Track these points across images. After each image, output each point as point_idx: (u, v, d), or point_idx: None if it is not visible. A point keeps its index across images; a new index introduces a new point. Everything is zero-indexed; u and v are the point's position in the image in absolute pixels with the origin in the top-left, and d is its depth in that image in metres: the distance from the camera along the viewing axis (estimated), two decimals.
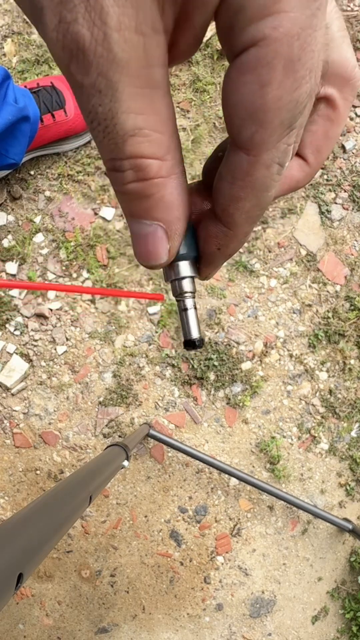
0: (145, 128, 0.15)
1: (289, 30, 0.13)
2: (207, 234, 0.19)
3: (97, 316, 1.24)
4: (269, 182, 0.17)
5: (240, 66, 0.14)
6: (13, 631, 1.25)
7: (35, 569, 0.40)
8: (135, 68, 0.14)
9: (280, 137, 0.15)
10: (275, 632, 1.36)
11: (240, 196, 0.17)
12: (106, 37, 0.13)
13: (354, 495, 1.38)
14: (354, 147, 1.37)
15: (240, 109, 0.15)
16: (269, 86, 0.14)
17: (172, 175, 0.17)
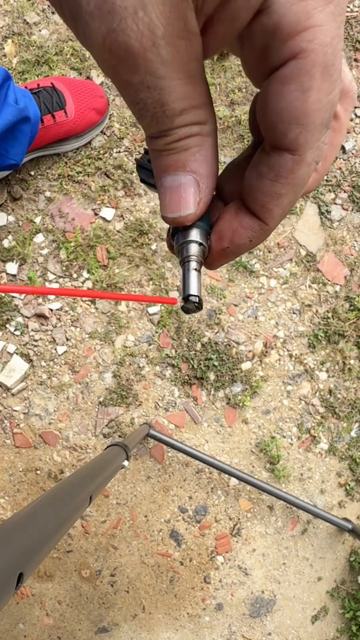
0: (189, 107, 0.17)
1: (323, 41, 0.15)
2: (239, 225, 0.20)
3: (97, 316, 1.25)
4: (307, 178, 0.19)
5: (283, 77, 0.16)
6: (13, 631, 1.25)
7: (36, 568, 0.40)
8: (178, 64, 0.16)
9: (320, 137, 0.18)
10: (275, 632, 1.36)
11: (282, 193, 0.19)
12: (155, 44, 0.15)
13: (353, 495, 1.38)
14: (354, 147, 1.37)
15: (285, 114, 0.17)
16: (309, 91, 0.16)
17: (211, 136, 0.19)
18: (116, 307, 1.25)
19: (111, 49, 0.15)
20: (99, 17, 0.15)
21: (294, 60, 0.16)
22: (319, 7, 0.15)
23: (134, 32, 0.15)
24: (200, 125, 0.18)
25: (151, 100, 0.17)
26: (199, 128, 0.18)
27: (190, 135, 0.18)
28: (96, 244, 1.24)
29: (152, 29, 0.15)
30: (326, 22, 0.15)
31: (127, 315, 1.26)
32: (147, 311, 1.26)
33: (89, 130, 1.20)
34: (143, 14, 0.14)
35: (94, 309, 1.25)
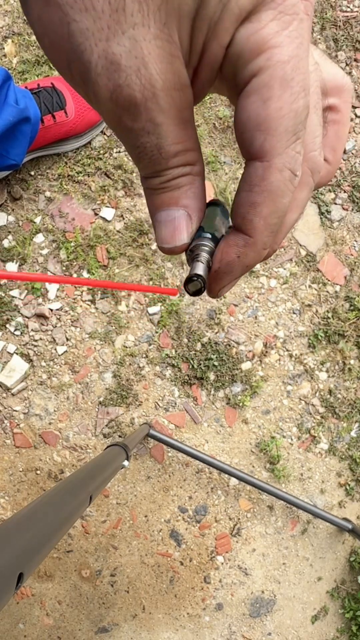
0: (182, 150, 0.20)
1: (280, 59, 0.17)
2: (226, 243, 0.21)
3: (97, 316, 1.25)
4: (283, 187, 0.19)
5: (246, 93, 0.18)
6: (13, 631, 1.25)
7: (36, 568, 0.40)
8: (174, 112, 0.19)
9: (288, 144, 0.19)
10: (275, 632, 1.36)
11: (258, 201, 0.20)
12: (154, 95, 0.18)
13: (353, 495, 1.38)
14: (354, 147, 1.37)
15: (249, 123, 0.19)
16: (269, 100, 0.18)
17: (200, 175, 0.21)
18: (116, 307, 1.25)
19: (117, 101, 0.18)
20: (107, 75, 0.17)
21: (255, 77, 0.18)
22: (276, 31, 0.17)
23: (138, 86, 0.17)
24: (191, 165, 0.21)
25: (150, 144, 0.19)
26: (190, 168, 0.21)
27: (183, 175, 0.21)
28: (96, 244, 1.24)
29: (152, 83, 0.17)
30: (284, 43, 0.17)
31: (127, 315, 1.26)
32: (147, 311, 1.26)
33: (89, 130, 1.20)
34: (145, 71, 0.17)
35: (94, 308, 1.25)
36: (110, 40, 0.17)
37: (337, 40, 1.36)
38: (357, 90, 1.38)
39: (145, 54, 0.17)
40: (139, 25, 0.17)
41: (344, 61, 1.37)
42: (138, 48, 0.17)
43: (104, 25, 0.16)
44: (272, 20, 0.17)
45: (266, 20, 0.17)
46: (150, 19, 0.17)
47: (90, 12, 0.16)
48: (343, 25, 1.36)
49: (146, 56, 0.17)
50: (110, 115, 0.19)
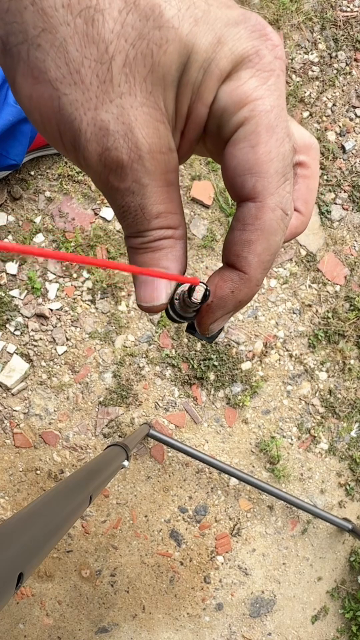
0: (165, 212, 0.21)
1: (264, 108, 0.19)
2: (221, 278, 0.22)
3: (97, 316, 1.25)
4: (276, 225, 0.20)
5: (234, 141, 0.19)
6: (13, 631, 1.25)
7: (35, 568, 0.40)
8: (159, 174, 0.20)
9: (279, 184, 0.20)
10: (275, 632, 1.36)
11: (252, 239, 0.20)
12: (140, 158, 0.19)
13: (353, 495, 1.38)
14: (354, 147, 1.37)
15: (240, 168, 0.20)
16: (258, 146, 0.19)
17: (182, 239, 0.22)
18: (116, 307, 1.25)
19: (106, 163, 0.19)
20: (96, 140, 0.18)
21: (241, 127, 0.19)
22: (256, 86, 0.19)
23: (125, 149, 0.18)
24: (173, 229, 0.22)
25: (134, 204, 0.20)
26: (172, 232, 0.22)
27: (164, 238, 0.22)
28: (96, 244, 1.24)
29: (138, 146, 0.19)
30: (265, 95, 0.19)
31: (127, 315, 1.26)
32: None
33: None
34: (132, 135, 0.18)
35: (94, 308, 1.25)
36: (98, 108, 0.18)
37: (337, 40, 1.36)
38: (357, 89, 1.38)
39: (132, 119, 0.18)
40: (126, 94, 0.18)
41: (344, 61, 1.37)
42: (125, 115, 0.18)
43: (92, 95, 0.18)
44: (251, 77, 0.19)
45: (246, 78, 0.19)
46: (137, 88, 0.18)
47: (79, 85, 0.18)
48: (343, 25, 1.36)
49: (133, 122, 0.18)
50: (99, 177, 0.20)
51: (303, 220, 0.25)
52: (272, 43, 0.19)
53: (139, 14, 0.17)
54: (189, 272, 1.29)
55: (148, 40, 0.17)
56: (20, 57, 0.18)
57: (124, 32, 0.17)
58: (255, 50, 0.19)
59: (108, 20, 0.17)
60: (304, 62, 1.35)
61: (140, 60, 0.18)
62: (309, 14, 1.35)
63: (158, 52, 0.18)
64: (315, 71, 1.36)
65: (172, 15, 0.17)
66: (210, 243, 1.29)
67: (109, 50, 0.17)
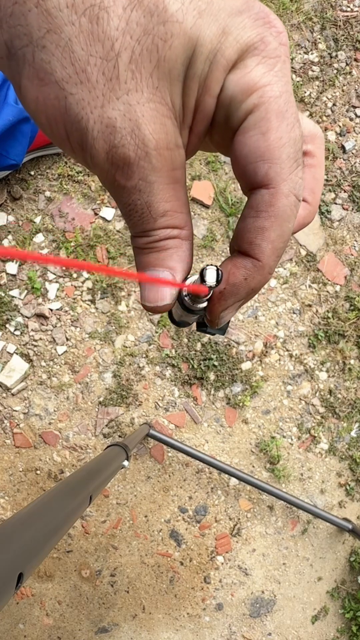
0: (170, 210, 0.21)
1: (273, 94, 0.19)
2: (234, 264, 0.22)
3: (97, 316, 1.25)
4: (289, 212, 0.20)
5: (244, 129, 0.19)
6: (13, 631, 1.25)
7: (35, 568, 0.40)
8: (165, 171, 0.20)
9: (291, 170, 0.20)
10: (275, 632, 1.36)
11: (266, 226, 0.20)
12: (147, 155, 0.19)
13: (353, 495, 1.38)
14: (354, 147, 1.37)
15: (251, 156, 0.19)
16: (269, 132, 0.19)
17: (188, 240, 0.22)
18: (116, 307, 1.25)
19: (113, 161, 0.19)
20: (103, 138, 0.18)
21: (250, 114, 0.19)
22: (263, 72, 0.19)
23: (132, 145, 0.18)
24: (179, 229, 0.22)
25: (140, 202, 0.20)
26: (178, 232, 0.22)
27: (170, 238, 0.22)
28: (96, 244, 1.24)
29: (145, 142, 0.19)
30: (273, 81, 0.19)
31: (127, 315, 1.26)
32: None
33: None
34: (138, 131, 0.18)
35: (93, 308, 1.24)
36: (105, 106, 0.18)
37: (337, 40, 1.36)
38: (357, 89, 1.38)
39: (139, 116, 0.18)
40: (132, 90, 0.18)
41: (344, 61, 1.37)
42: (132, 111, 0.18)
43: (99, 93, 0.18)
44: (258, 64, 0.19)
45: (252, 65, 0.19)
46: (143, 84, 0.18)
47: (86, 84, 0.18)
48: (343, 24, 1.36)
49: (140, 118, 0.18)
50: (106, 175, 0.20)
51: (311, 210, 0.25)
52: (276, 30, 0.19)
53: (143, 10, 0.17)
54: (190, 272, 1.29)
55: (153, 35, 0.17)
56: (26, 59, 0.18)
57: (129, 28, 0.17)
58: (260, 37, 0.19)
59: (113, 18, 0.17)
60: (304, 62, 1.35)
61: (146, 56, 0.18)
62: (309, 14, 1.35)
63: (163, 47, 0.18)
64: (315, 71, 1.36)
65: (176, 9, 0.17)
66: (210, 243, 1.29)
67: (115, 47, 0.17)
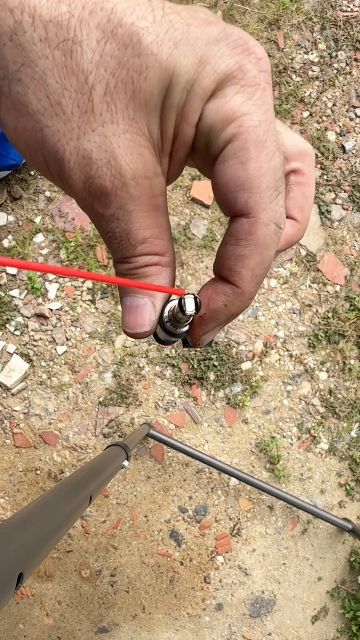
0: (150, 237, 0.21)
1: (251, 124, 0.19)
2: (214, 291, 0.22)
3: (97, 316, 1.25)
4: (269, 240, 0.20)
5: (223, 158, 0.19)
6: (13, 631, 1.25)
7: (35, 569, 0.40)
8: (144, 199, 0.20)
9: (271, 199, 0.20)
10: (275, 632, 1.36)
11: (246, 254, 0.20)
12: (124, 184, 0.19)
13: (353, 495, 1.38)
14: (354, 147, 1.37)
15: (231, 185, 0.19)
16: (248, 162, 0.19)
17: (169, 266, 0.22)
18: (116, 307, 1.25)
19: (90, 191, 0.19)
20: (79, 169, 0.19)
21: (229, 143, 0.19)
22: (242, 101, 0.18)
23: (108, 176, 0.19)
24: (159, 256, 0.22)
25: (119, 230, 0.20)
26: (158, 259, 0.22)
27: (150, 265, 0.22)
28: (96, 244, 1.24)
29: (122, 173, 0.19)
30: (251, 110, 0.19)
31: None
32: None
33: None
34: (115, 162, 0.18)
35: (93, 308, 1.24)
36: (80, 138, 0.18)
37: (337, 40, 1.36)
38: (357, 89, 1.38)
39: (115, 147, 0.18)
40: (108, 122, 0.18)
41: (344, 60, 1.37)
42: (108, 143, 0.18)
43: (74, 126, 0.18)
44: (236, 93, 0.19)
45: (231, 94, 0.19)
46: (119, 116, 0.18)
47: (61, 116, 0.18)
48: (343, 25, 1.36)
49: (115, 149, 0.18)
50: (84, 203, 0.20)
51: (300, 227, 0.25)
52: (255, 57, 0.19)
53: (117, 43, 0.17)
54: (190, 272, 1.29)
55: (128, 68, 0.18)
56: (2, 92, 0.18)
57: (103, 61, 0.17)
58: (238, 66, 0.18)
59: (86, 51, 0.17)
60: (304, 62, 1.35)
61: (121, 88, 0.18)
62: (309, 14, 1.35)
63: (139, 79, 0.18)
64: (315, 71, 1.36)
65: (151, 41, 0.17)
66: (210, 243, 1.29)
67: (89, 80, 0.17)
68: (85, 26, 0.17)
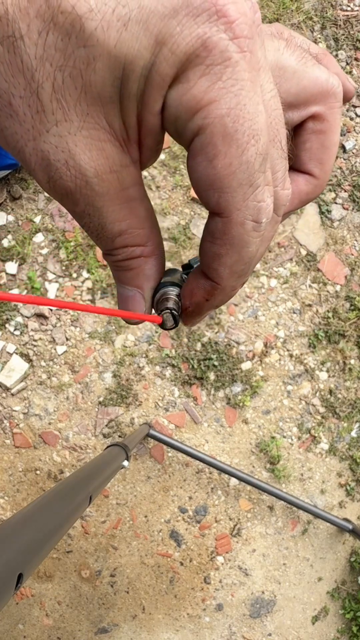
0: (128, 229, 0.20)
1: (218, 114, 0.16)
2: (196, 286, 0.22)
3: (97, 316, 1.24)
4: (246, 239, 0.19)
5: (192, 153, 0.18)
6: (13, 631, 1.25)
7: (35, 569, 0.40)
8: (114, 193, 0.19)
9: (245, 197, 0.18)
10: (275, 632, 1.36)
11: (221, 253, 0.20)
12: (87, 183, 0.18)
13: (354, 496, 1.38)
14: (354, 147, 1.37)
15: (201, 183, 0.18)
16: (216, 159, 0.17)
17: (153, 255, 0.22)
18: (116, 307, 1.25)
19: (55, 190, 0.19)
20: (40, 170, 0.18)
21: (197, 137, 0.17)
22: (207, 86, 0.16)
23: (68, 177, 0.18)
24: (141, 247, 0.21)
25: (92, 225, 0.20)
26: (140, 250, 0.21)
27: (133, 257, 0.21)
28: None
29: (82, 172, 0.18)
30: (218, 96, 0.16)
31: None
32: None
33: None
34: (73, 162, 0.18)
35: None
36: (37, 139, 0.17)
37: (338, 40, 1.36)
38: (358, 89, 1.38)
39: (72, 146, 0.17)
40: (61, 121, 0.17)
41: (345, 60, 1.37)
42: (64, 143, 0.17)
43: (29, 127, 0.17)
44: (201, 76, 0.16)
45: (195, 79, 0.16)
46: (72, 113, 0.17)
47: (15, 118, 0.17)
48: (343, 24, 1.36)
49: (72, 149, 0.17)
50: (56, 199, 0.19)
51: (317, 184, 0.23)
52: (225, 20, 0.15)
53: (59, 33, 0.15)
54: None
55: (74, 60, 0.16)
56: None
57: (47, 55, 0.16)
58: (202, 41, 0.16)
59: (29, 45, 0.16)
60: None
61: (70, 84, 0.16)
62: (309, 13, 1.35)
63: (87, 72, 0.16)
64: None
65: (95, 27, 0.15)
66: None
67: (35, 77, 0.16)
68: (25, 16, 0.15)
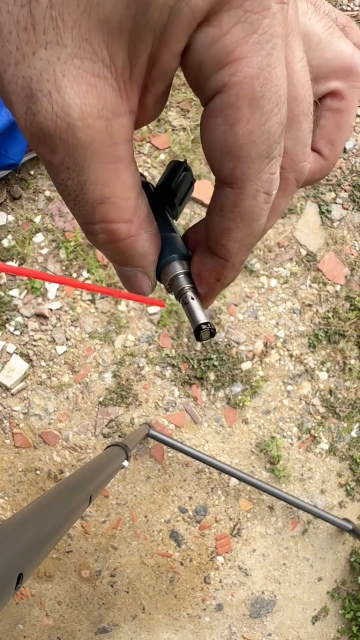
0: (111, 197, 0.17)
1: (248, 73, 0.15)
2: (204, 267, 0.20)
3: (97, 316, 1.24)
4: (258, 211, 0.18)
5: (210, 111, 0.16)
6: (13, 631, 1.25)
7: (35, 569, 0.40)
8: (99, 147, 0.16)
9: (261, 168, 0.16)
10: (275, 632, 1.36)
11: (231, 227, 0.18)
12: (70, 126, 0.15)
13: (354, 496, 1.38)
14: (354, 147, 1.37)
15: (216, 149, 0.16)
16: (237, 124, 0.15)
17: (141, 232, 0.19)
18: (116, 307, 1.25)
19: (31, 131, 0.15)
20: (19, 101, 0.15)
21: (218, 94, 0.15)
22: (241, 37, 0.14)
23: (49, 114, 0.15)
24: (127, 224, 0.18)
25: (71, 182, 0.16)
26: (127, 229, 0.18)
27: (119, 240, 0.18)
28: None
29: (65, 110, 0.15)
30: (251, 52, 0.15)
31: (127, 315, 1.25)
32: (147, 311, 1.26)
33: None
34: (57, 95, 0.14)
35: (93, 308, 1.24)
36: (19, 63, 0.14)
37: None
38: None
39: (59, 75, 0.14)
40: (52, 43, 0.14)
41: None
42: (50, 70, 0.14)
43: (12, 47, 0.14)
44: (236, 23, 0.14)
45: (229, 25, 0.14)
46: (67, 36, 0.14)
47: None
48: None
49: (59, 78, 0.14)
50: (32, 145, 0.16)
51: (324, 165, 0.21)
52: None
53: None
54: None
55: None
56: None
57: None
58: None
59: None
60: None
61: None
62: None
63: None
64: None
65: None
66: None
67: None
68: None
